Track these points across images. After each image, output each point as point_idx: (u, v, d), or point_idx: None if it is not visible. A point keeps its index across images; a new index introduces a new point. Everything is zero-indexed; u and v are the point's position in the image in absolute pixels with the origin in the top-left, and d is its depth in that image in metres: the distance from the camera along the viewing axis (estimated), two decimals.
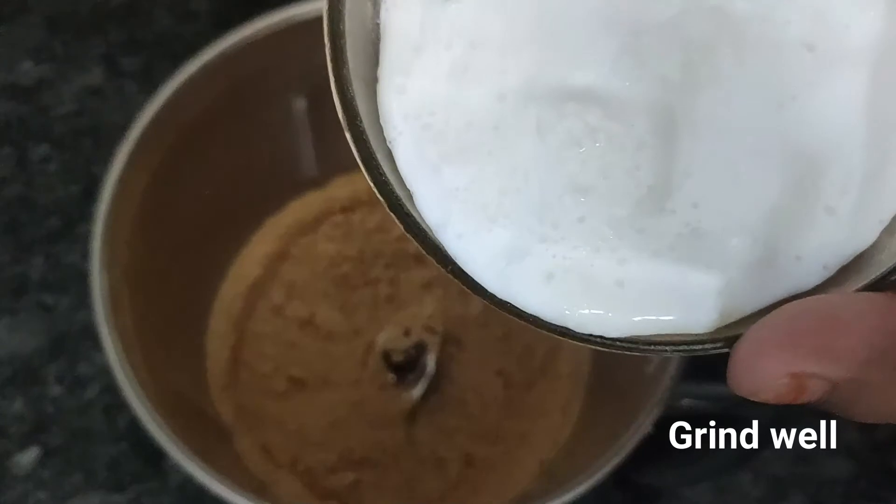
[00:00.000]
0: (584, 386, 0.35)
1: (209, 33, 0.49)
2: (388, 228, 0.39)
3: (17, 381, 0.39)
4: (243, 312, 0.36)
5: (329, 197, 0.38)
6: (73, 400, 0.38)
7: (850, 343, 0.12)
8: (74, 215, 0.43)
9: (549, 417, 0.34)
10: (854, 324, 0.13)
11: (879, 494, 0.37)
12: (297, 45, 0.33)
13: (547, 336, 0.39)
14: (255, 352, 0.36)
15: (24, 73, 0.47)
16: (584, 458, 0.28)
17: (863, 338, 0.12)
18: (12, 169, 0.44)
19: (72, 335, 0.40)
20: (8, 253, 0.42)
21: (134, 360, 0.28)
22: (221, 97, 0.33)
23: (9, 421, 0.38)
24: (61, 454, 0.37)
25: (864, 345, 0.12)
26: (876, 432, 0.39)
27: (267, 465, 0.33)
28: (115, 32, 0.49)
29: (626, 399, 0.30)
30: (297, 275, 0.38)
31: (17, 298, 0.41)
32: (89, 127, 0.46)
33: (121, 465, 0.37)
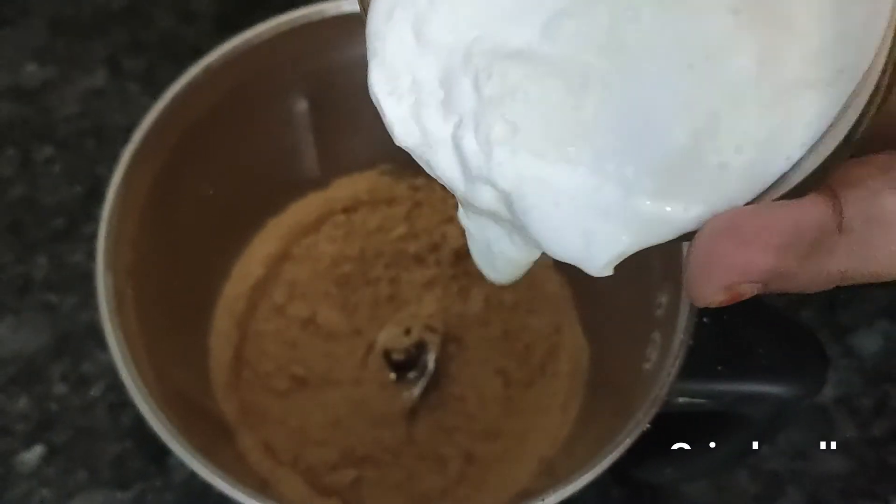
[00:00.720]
0: (583, 384, 0.35)
1: (211, 35, 0.50)
2: (389, 229, 0.39)
3: (22, 379, 0.39)
4: (246, 312, 0.36)
5: (330, 198, 0.38)
6: (78, 398, 0.39)
7: (758, 251, 0.15)
8: (78, 216, 0.43)
9: (549, 415, 0.35)
10: (762, 233, 0.15)
11: (877, 491, 0.37)
12: (298, 48, 0.33)
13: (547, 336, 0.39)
14: (257, 351, 0.36)
15: (28, 74, 0.48)
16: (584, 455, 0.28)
17: (768, 244, 0.14)
18: (16, 170, 0.45)
19: (76, 334, 0.40)
20: (12, 253, 0.42)
21: (138, 358, 0.28)
22: (224, 99, 0.33)
23: (13, 419, 0.38)
24: (65, 452, 0.38)
25: (769, 249, 0.14)
26: (873, 429, 0.39)
27: (269, 463, 0.33)
28: (118, 34, 0.49)
29: (625, 397, 0.30)
30: (298, 275, 0.38)
31: (21, 298, 0.41)
32: (92, 128, 0.46)
33: (125, 463, 0.37)
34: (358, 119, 0.36)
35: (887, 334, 0.41)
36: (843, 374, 0.40)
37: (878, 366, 0.40)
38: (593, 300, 0.36)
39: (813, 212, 0.15)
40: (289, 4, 0.33)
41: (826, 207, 0.15)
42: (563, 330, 0.36)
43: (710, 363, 0.28)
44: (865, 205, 0.14)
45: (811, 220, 0.15)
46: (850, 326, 0.41)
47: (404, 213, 0.39)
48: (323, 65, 0.34)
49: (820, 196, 0.15)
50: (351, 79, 0.35)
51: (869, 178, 0.15)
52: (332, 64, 0.34)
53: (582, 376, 0.35)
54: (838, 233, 0.15)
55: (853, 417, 0.39)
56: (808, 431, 0.39)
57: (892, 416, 0.39)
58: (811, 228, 0.15)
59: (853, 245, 0.15)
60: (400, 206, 0.39)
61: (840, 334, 0.41)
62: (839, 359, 0.40)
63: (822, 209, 0.15)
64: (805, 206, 0.15)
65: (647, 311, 0.30)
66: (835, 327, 0.41)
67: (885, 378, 0.40)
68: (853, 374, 0.40)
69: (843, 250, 0.15)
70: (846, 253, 0.15)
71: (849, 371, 0.40)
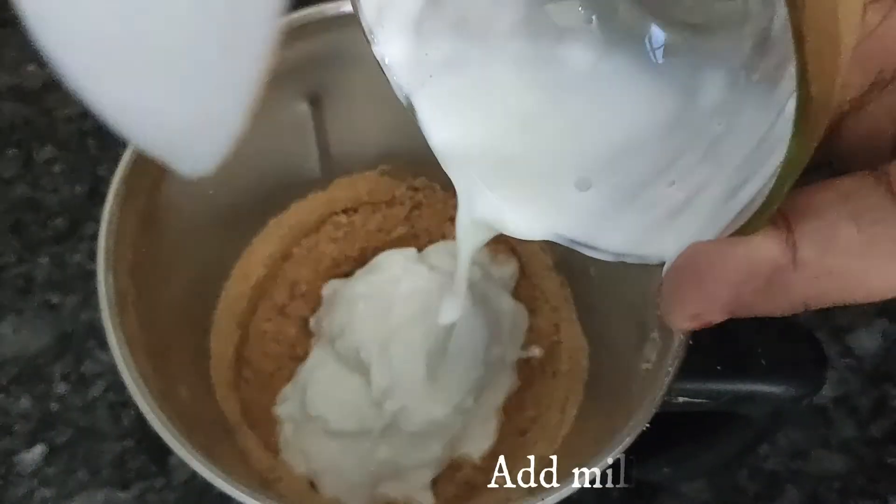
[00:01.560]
0: (582, 384, 0.35)
1: None
2: (389, 229, 0.39)
3: (23, 379, 0.39)
4: (247, 312, 0.36)
5: (331, 198, 0.38)
6: (79, 398, 0.39)
7: (714, 287, 0.16)
8: (79, 216, 0.43)
9: (548, 415, 0.35)
10: (716, 271, 0.16)
11: (876, 490, 0.37)
12: (299, 50, 0.33)
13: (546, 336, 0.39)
14: (258, 350, 0.36)
15: (30, 75, 0.48)
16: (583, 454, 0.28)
17: (723, 280, 0.16)
18: (18, 170, 0.45)
19: (77, 334, 0.40)
20: (14, 253, 0.42)
21: (138, 358, 0.28)
22: None
23: (14, 419, 0.38)
24: (66, 452, 0.38)
25: (724, 285, 0.16)
26: (872, 429, 0.39)
27: (270, 462, 0.33)
28: None
29: (624, 396, 0.30)
30: (299, 274, 0.38)
31: (22, 298, 0.41)
32: (94, 129, 0.46)
33: (125, 463, 0.37)
34: (358, 120, 0.36)
35: (886, 334, 0.41)
36: (841, 374, 0.40)
37: (876, 366, 0.40)
38: (592, 300, 0.36)
39: (764, 248, 0.15)
40: (290, 6, 0.33)
41: (778, 243, 0.15)
42: (563, 329, 0.37)
43: (710, 363, 0.29)
44: (820, 237, 0.15)
45: (763, 257, 0.15)
46: (848, 326, 0.41)
47: (405, 214, 0.39)
48: (323, 65, 0.34)
49: (773, 231, 0.15)
50: (352, 79, 0.35)
51: (828, 206, 0.15)
52: (332, 64, 0.34)
53: (581, 376, 0.35)
54: (793, 268, 0.15)
55: (852, 417, 0.39)
56: (806, 431, 0.39)
57: (891, 416, 0.39)
58: (764, 265, 0.15)
59: (810, 277, 0.15)
60: (400, 206, 0.39)
61: (839, 334, 0.41)
62: (838, 359, 0.40)
63: (773, 245, 0.15)
64: (757, 242, 0.15)
65: (646, 311, 0.30)
66: (834, 327, 0.41)
67: (883, 378, 0.40)
68: (852, 374, 0.40)
69: (800, 283, 0.15)
70: (804, 284, 0.15)
71: (847, 371, 0.40)
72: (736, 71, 0.18)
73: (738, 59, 0.18)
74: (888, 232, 0.14)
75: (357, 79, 0.35)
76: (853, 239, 0.15)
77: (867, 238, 0.15)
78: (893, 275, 0.15)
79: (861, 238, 0.15)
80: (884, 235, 0.14)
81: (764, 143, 0.16)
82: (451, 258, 0.36)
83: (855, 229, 0.15)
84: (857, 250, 0.15)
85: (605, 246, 0.20)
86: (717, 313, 0.16)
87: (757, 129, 0.17)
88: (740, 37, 0.18)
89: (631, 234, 0.19)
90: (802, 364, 0.30)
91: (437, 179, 0.39)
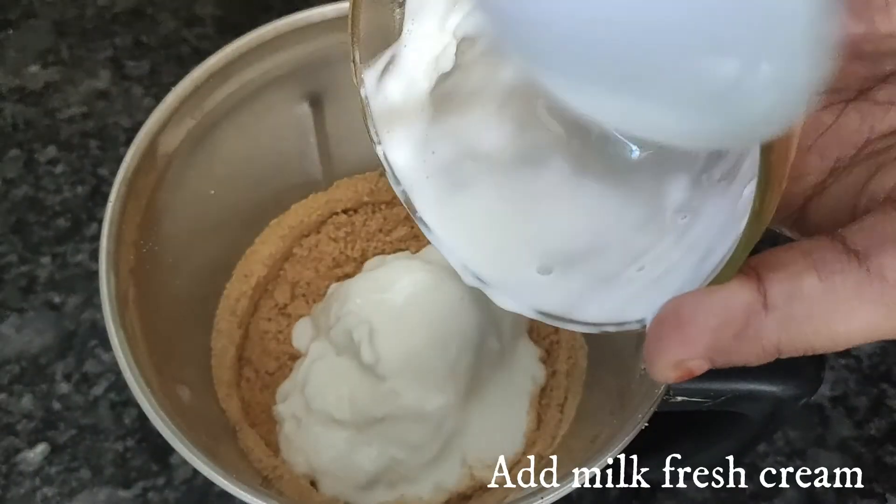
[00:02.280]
0: (580, 383, 0.35)
1: (213, 37, 0.50)
2: (390, 229, 0.39)
3: (26, 378, 0.39)
4: (248, 311, 0.37)
5: (332, 198, 0.39)
6: (81, 397, 0.39)
7: (695, 332, 0.17)
8: (81, 216, 0.43)
9: (547, 414, 0.35)
10: (695, 317, 0.17)
11: (873, 489, 0.38)
12: (300, 50, 0.33)
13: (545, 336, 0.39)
14: (259, 350, 0.36)
15: (32, 76, 0.48)
16: (582, 453, 0.28)
17: (703, 325, 0.17)
18: (20, 171, 0.45)
19: (79, 333, 0.40)
20: (16, 253, 0.42)
21: (140, 357, 0.28)
22: (226, 101, 0.33)
23: (17, 418, 0.38)
24: (69, 451, 0.38)
25: (705, 329, 0.17)
26: (870, 428, 0.39)
27: (271, 461, 0.33)
28: (121, 36, 0.49)
29: (623, 396, 0.30)
30: (300, 275, 0.38)
31: (25, 297, 0.41)
32: (96, 129, 0.46)
33: (127, 462, 0.37)
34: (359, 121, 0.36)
35: None
36: (839, 374, 0.40)
37: (874, 365, 0.40)
38: None
39: (739, 294, 0.17)
40: (290, 7, 0.33)
41: (750, 289, 0.17)
42: (562, 330, 0.36)
43: None
44: (787, 285, 0.17)
45: (738, 301, 0.17)
46: None
47: (405, 214, 0.39)
48: (324, 67, 0.34)
49: (745, 279, 0.17)
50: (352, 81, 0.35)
51: (791, 261, 0.17)
52: (333, 66, 0.34)
53: (579, 375, 0.35)
54: (764, 312, 0.17)
55: (849, 417, 0.39)
56: (804, 431, 0.39)
57: (889, 416, 0.39)
58: (739, 308, 0.17)
59: (781, 321, 0.17)
60: (400, 207, 0.39)
61: None
62: (835, 358, 0.40)
63: (746, 291, 0.17)
64: (732, 288, 0.17)
65: None
66: None
67: (881, 378, 0.40)
68: (849, 374, 0.40)
69: (771, 326, 0.17)
70: (776, 328, 0.17)
71: (845, 371, 0.40)
72: (697, 174, 0.21)
73: (697, 166, 0.21)
74: (846, 280, 0.16)
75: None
76: (815, 286, 0.16)
77: (828, 286, 0.16)
78: (857, 320, 0.16)
79: (822, 286, 0.16)
80: (842, 283, 0.16)
81: (728, 222, 0.18)
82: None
83: (816, 278, 0.16)
84: (819, 297, 0.16)
85: (582, 319, 0.22)
86: (699, 360, 0.17)
87: (720, 214, 0.19)
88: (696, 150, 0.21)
89: (607, 308, 0.21)
90: (800, 364, 0.30)
91: None
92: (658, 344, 0.17)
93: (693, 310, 0.17)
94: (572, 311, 0.22)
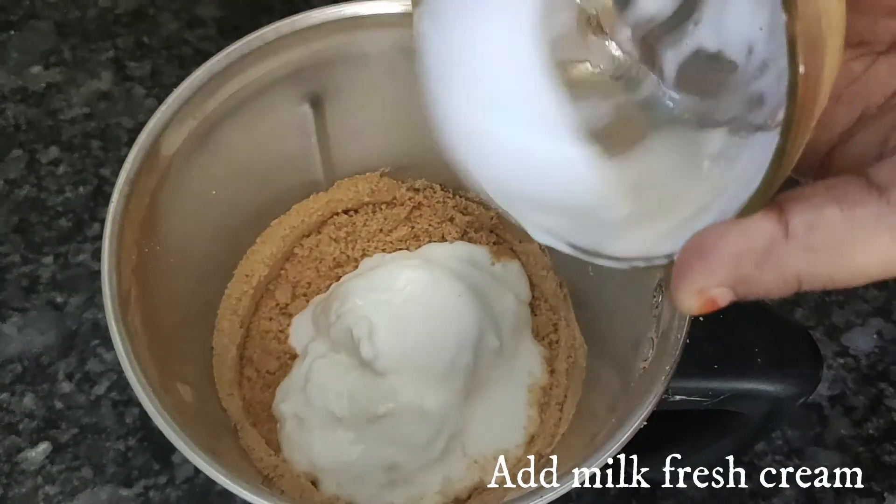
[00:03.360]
0: (580, 382, 0.35)
1: (215, 39, 0.50)
2: (390, 229, 0.39)
3: (28, 378, 0.39)
4: (250, 311, 0.37)
5: (332, 199, 0.39)
6: (83, 396, 0.39)
7: (718, 259, 0.18)
8: (83, 216, 0.44)
9: (547, 412, 0.35)
10: (718, 246, 0.18)
11: (872, 488, 0.38)
12: (301, 53, 0.33)
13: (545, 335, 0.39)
14: (260, 349, 0.36)
15: (34, 77, 0.48)
16: (581, 452, 0.28)
17: (725, 252, 0.17)
18: (23, 171, 0.45)
19: (81, 333, 0.40)
20: (19, 253, 0.43)
21: (142, 357, 0.28)
22: (228, 102, 0.33)
23: (19, 417, 0.39)
24: (71, 450, 0.38)
25: (727, 257, 0.17)
26: (868, 427, 0.39)
27: (272, 460, 0.33)
28: (123, 38, 0.49)
29: (622, 395, 0.30)
30: (301, 274, 0.38)
31: (27, 297, 0.41)
32: (98, 130, 0.46)
33: (129, 461, 0.38)
34: (359, 121, 0.37)
35: (881, 333, 0.41)
36: (837, 373, 0.40)
37: (872, 365, 0.40)
38: (591, 300, 0.36)
39: (761, 223, 0.17)
40: (292, 9, 0.33)
41: (772, 219, 0.17)
42: (561, 329, 0.37)
43: (707, 361, 0.29)
44: (808, 215, 0.17)
45: (760, 229, 0.17)
46: (844, 326, 0.41)
47: (405, 214, 0.39)
48: (325, 68, 0.34)
49: (767, 211, 0.18)
50: (353, 81, 0.35)
51: (814, 194, 0.17)
52: (334, 67, 0.34)
53: (579, 374, 0.35)
54: (785, 240, 0.17)
55: (848, 416, 0.39)
56: (802, 430, 0.39)
57: (887, 415, 0.39)
58: (761, 236, 0.17)
59: (801, 250, 0.17)
60: (401, 207, 0.39)
61: (835, 333, 0.41)
62: (834, 358, 0.41)
63: (769, 221, 0.17)
64: (754, 219, 0.18)
65: (643, 310, 0.30)
66: (829, 326, 0.41)
67: (879, 377, 0.40)
68: (847, 373, 0.40)
69: (793, 254, 0.17)
70: (796, 257, 0.17)
71: (843, 370, 0.40)
72: (734, 125, 0.22)
73: (735, 116, 0.22)
74: (867, 213, 0.16)
75: (358, 81, 0.35)
76: (837, 217, 0.17)
77: (849, 217, 0.16)
78: (876, 251, 0.16)
79: (843, 216, 0.17)
80: (864, 216, 0.16)
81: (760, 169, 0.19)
82: (444, 250, 0.38)
83: (838, 209, 0.17)
84: (840, 228, 0.17)
85: (611, 253, 0.22)
86: (721, 288, 0.18)
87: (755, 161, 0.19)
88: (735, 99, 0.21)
89: (637, 244, 0.22)
90: (798, 363, 0.30)
91: (437, 180, 0.39)
92: (683, 272, 0.18)
93: (716, 239, 0.18)
94: (601, 245, 0.22)
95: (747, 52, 0.20)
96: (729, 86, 0.21)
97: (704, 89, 0.22)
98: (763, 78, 0.20)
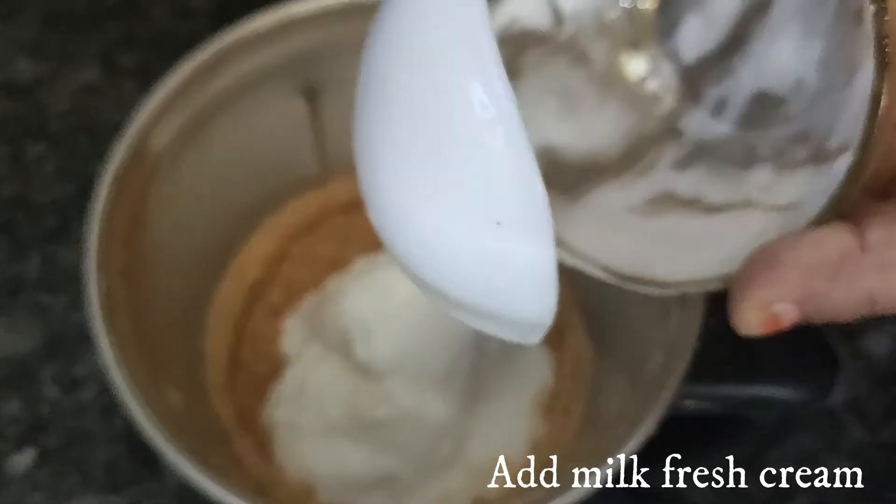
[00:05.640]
0: (586, 387, 0.35)
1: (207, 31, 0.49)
2: None
3: (13, 382, 0.39)
4: (242, 313, 0.36)
5: (329, 197, 0.38)
6: (70, 401, 0.38)
7: (787, 270, 0.17)
8: (71, 215, 0.43)
9: (552, 418, 0.34)
10: (788, 255, 0.17)
11: (885, 496, 0.37)
12: (295, 44, 0.33)
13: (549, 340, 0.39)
14: (253, 353, 0.36)
15: (20, 70, 0.47)
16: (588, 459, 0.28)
17: (795, 264, 0.17)
18: (8, 168, 0.44)
19: (68, 336, 0.40)
20: (3, 253, 0.42)
21: (130, 361, 0.28)
22: (219, 96, 0.32)
23: (4, 422, 0.38)
24: (57, 456, 0.37)
25: (797, 267, 0.17)
26: (883, 433, 0.39)
27: (265, 468, 0.33)
28: (113, 30, 0.49)
29: (631, 400, 0.29)
30: (296, 275, 0.38)
31: (12, 299, 0.41)
32: (86, 125, 0.45)
33: (117, 467, 0.37)
34: None
35: None
36: (851, 378, 0.40)
37: (887, 369, 0.40)
38: (597, 303, 0.35)
39: (835, 233, 0.17)
40: None
41: (847, 231, 0.17)
42: (566, 332, 0.36)
43: (718, 367, 0.28)
44: (886, 229, 0.16)
45: (834, 240, 0.17)
46: (858, 329, 0.41)
47: None
48: (320, 59, 0.34)
49: (842, 222, 0.17)
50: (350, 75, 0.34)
51: (891, 210, 0.17)
52: (330, 58, 0.34)
53: (586, 379, 0.35)
54: (861, 252, 0.16)
55: (862, 421, 0.39)
56: (815, 435, 0.38)
57: None
58: (835, 247, 0.16)
59: (877, 264, 0.16)
60: None
61: (849, 337, 0.41)
62: (848, 361, 0.40)
63: (844, 232, 0.17)
64: (828, 230, 0.17)
65: (652, 314, 0.30)
66: (843, 330, 0.41)
67: (894, 381, 0.40)
68: (862, 378, 0.40)
69: (868, 269, 0.16)
70: (871, 271, 0.16)
71: (858, 374, 0.40)
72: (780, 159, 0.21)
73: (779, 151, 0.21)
74: None
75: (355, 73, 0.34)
76: None
77: None
78: None
79: None
80: None
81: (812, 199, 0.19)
82: None
83: None
84: None
85: (653, 278, 0.22)
86: (788, 304, 0.17)
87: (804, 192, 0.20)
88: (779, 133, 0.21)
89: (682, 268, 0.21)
90: (812, 368, 0.30)
91: None
92: (745, 284, 0.17)
93: (786, 248, 0.17)
94: (643, 272, 0.22)
95: (795, 86, 0.20)
96: (773, 121, 0.21)
97: (749, 124, 0.22)
98: (813, 111, 0.20)
